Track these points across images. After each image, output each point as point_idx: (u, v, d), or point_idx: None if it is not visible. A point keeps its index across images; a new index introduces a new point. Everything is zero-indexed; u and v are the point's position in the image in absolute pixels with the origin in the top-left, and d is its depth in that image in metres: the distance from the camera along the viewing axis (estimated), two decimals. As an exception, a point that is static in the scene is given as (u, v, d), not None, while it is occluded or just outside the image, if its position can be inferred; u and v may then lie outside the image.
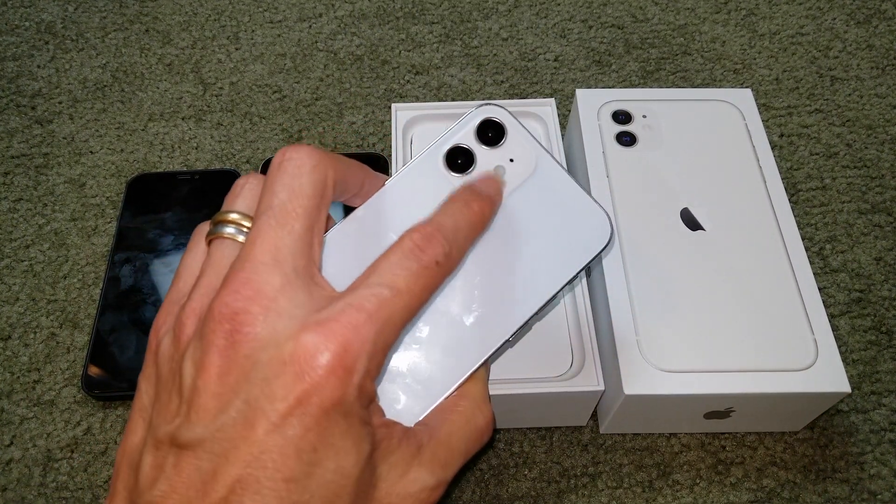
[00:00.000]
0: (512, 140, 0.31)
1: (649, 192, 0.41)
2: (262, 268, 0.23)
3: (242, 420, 0.21)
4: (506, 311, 0.29)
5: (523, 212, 0.30)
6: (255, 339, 0.22)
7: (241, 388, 0.22)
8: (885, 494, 0.38)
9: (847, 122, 0.54)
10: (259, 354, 0.22)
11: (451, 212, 0.27)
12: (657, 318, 0.37)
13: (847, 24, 0.60)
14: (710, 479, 0.39)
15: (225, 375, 0.22)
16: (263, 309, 0.22)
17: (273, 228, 0.24)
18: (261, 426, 0.21)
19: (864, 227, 0.48)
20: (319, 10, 0.62)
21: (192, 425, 0.22)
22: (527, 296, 0.29)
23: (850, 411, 0.41)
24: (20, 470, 0.39)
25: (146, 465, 0.22)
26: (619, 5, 0.62)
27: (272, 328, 0.22)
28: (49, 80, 0.57)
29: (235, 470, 0.21)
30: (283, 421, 0.21)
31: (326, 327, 0.22)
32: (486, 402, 0.28)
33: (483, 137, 0.31)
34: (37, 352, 0.43)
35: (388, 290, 0.23)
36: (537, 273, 0.29)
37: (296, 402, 0.21)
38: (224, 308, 0.22)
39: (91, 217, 0.49)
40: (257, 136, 0.54)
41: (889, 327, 0.44)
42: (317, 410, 0.21)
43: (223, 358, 0.22)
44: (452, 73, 0.57)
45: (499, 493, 0.38)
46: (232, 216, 0.26)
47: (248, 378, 0.22)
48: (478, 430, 0.27)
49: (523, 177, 0.31)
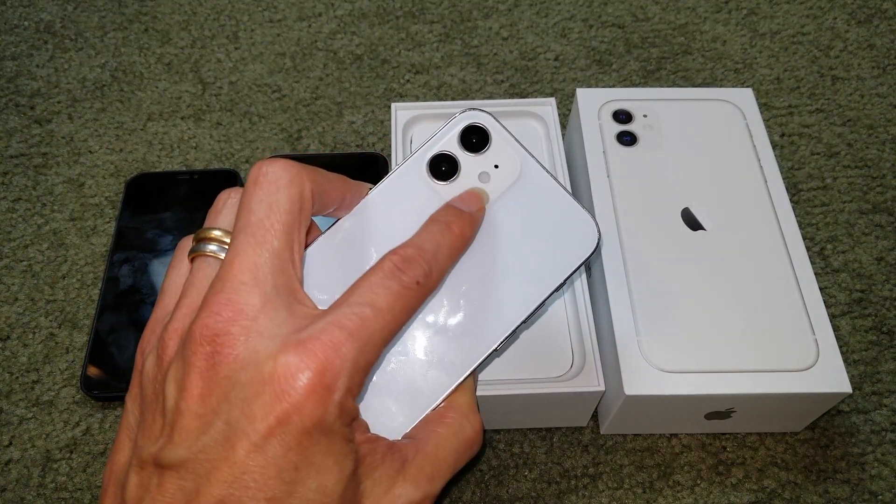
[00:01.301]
0: (496, 146, 0.30)
1: (650, 191, 0.41)
2: (242, 288, 0.23)
3: (223, 440, 0.21)
4: (492, 321, 0.29)
5: (509, 219, 0.30)
6: (236, 360, 0.22)
7: (221, 408, 0.22)
8: (886, 495, 0.38)
9: (848, 122, 0.54)
10: (239, 375, 0.22)
11: (431, 233, 0.27)
12: (658, 319, 0.36)
13: (848, 24, 0.60)
14: (711, 480, 0.39)
15: (206, 397, 0.22)
16: (244, 330, 0.22)
17: (251, 247, 0.24)
18: (241, 447, 0.21)
19: (866, 226, 0.48)
20: (319, 9, 0.62)
21: (174, 446, 0.22)
22: (514, 304, 0.29)
23: (851, 412, 0.41)
24: (19, 470, 0.39)
25: (131, 484, 0.23)
26: (620, 4, 0.62)
27: (253, 349, 0.22)
28: (48, 79, 0.57)
29: (218, 490, 0.21)
30: (264, 441, 0.21)
31: (306, 347, 0.22)
32: (475, 413, 0.28)
33: (467, 144, 0.30)
34: (36, 352, 0.43)
35: (370, 309, 0.23)
36: (524, 281, 0.29)
37: (276, 423, 0.21)
38: (205, 330, 0.22)
39: (90, 217, 0.49)
40: (257, 136, 0.53)
41: (890, 327, 0.44)
42: (297, 430, 0.21)
43: (204, 379, 0.22)
44: (452, 73, 0.57)
45: (499, 494, 0.38)
46: (214, 233, 0.26)
47: (229, 399, 0.22)
48: (466, 442, 0.27)
49: (508, 183, 0.30)
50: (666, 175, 0.42)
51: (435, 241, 0.27)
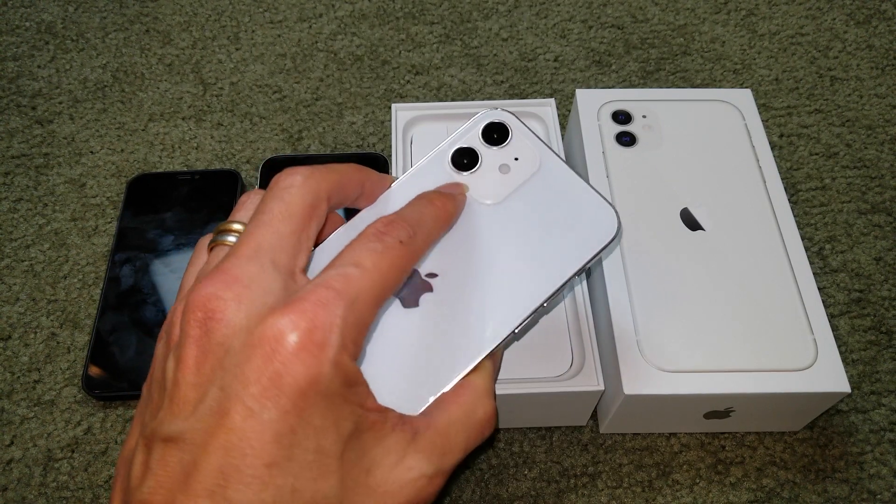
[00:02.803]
0: (516, 140, 0.32)
1: (649, 192, 0.41)
2: (240, 260, 0.24)
3: (218, 408, 0.21)
4: (512, 303, 0.29)
5: (529, 207, 0.30)
6: (228, 325, 0.22)
7: (216, 376, 0.22)
8: (885, 494, 0.38)
9: (847, 123, 0.54)
10: (232, 341, 0.22)
11: (413, 205, 0.28)
12: (657, 318, 0.37)
13: (847, 25, 0.60)
14: (710, 479, 0.39)
15: (201, 365, 0.22)
16: (236, 296, 0.23)
17: (258, 228, 0.25)
18: (236, 412, 0.21)
19: (864, 227, 0.49)
20: (320, 10, 0.62)
21: (173, 418, 0.22)
22: (533, 288, 0.29)
23: (850, 411, 0.41)
24: (21, 470, 0.39)
25: (136, 463, 0.23)
26: (619, 5, 0.62)
27: (245, 314, 0.22)
28: (49, 80, 0.57)
29: (215, 459, 0.21)
30: (259, 405, 0.21)
31: (294, 307, 0.22)
32: (489, 396, 0.28)
33: (488, 139, 0.32)
34: (37, 352, 0.44)
35: (355, 269, 0.24)
36: (543, 265, 0.29)
37: (269, 384, 0.21)
38: (198, 297, 0.23)
39: (91, 217, 0.49)
40: (257, 137, 0.54)
41: (889, 327, 0.44)
42: (292, 391, 0.21)
43: (198, 347, 0.22)
44: (452, 74, 0.57)
45: (499, 493, 0.38)
46: (233, 226, 0.27)
47: (223, 365, 0.22)
48: (478, 423, 0.27)
49: (528, 174, 0.31)
50: (665, 175, 0.42)
51: (417, 211, 0.28)
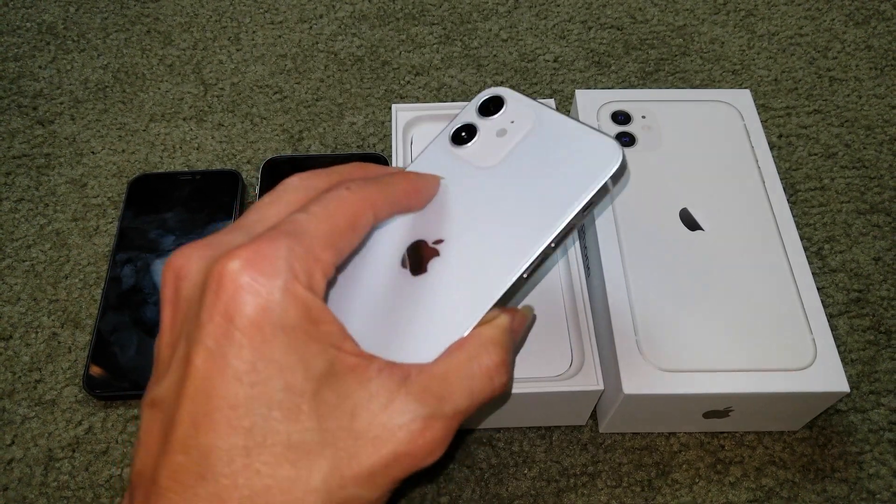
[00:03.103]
0: (511, 106, 0.32)
1: (648, 192, 0.41)
2: (230, 229, 0.24)
3: (184, 357, 0.21)
4: (518, 248, 0.27)
5: (529, 159, 0.30)
6: (189, 278, 0.22)
7: (183, 329, 0.22)
8: (884, 494, 0.38)
9: (846, 123, 0.54)
10: (193, 292, 0.22)
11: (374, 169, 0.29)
12: (656, 318, 0.37)
13: (846, 25, 0.60)
14: (709, 479, 0.39)
15: (174, 324, 0.23)
16: (201, 247, 0.23)
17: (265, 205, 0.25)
18: (198, 356, 0.21)
19: (863, 227, 0.49)
20: (320, 11, 0.62)
21: (156, 382, 0.22)
22: (539, 230, 0.28)
23: (849, 411, 0.41)
24: (21, 469, 0.39)
25: (136, 442, 0.23)
26: (619, 6, 0.62)
27: (206, 266, 0.22)
28: (50, 80, 0.57)
29: (186, 410, 0.21)
30: (216, 344, 0.21)
31: (242, 248, 0.22)
32: (500, 347, 0.26)
33: (485, 112, 0.32)
34: (38, 351, 0.44)
35: (301, 213, 0.24)
36: (548, 207, 0.28)
37: (221, 320, 0.21)
38: (171, 259, 0.23)
39: (92, 217, 0.50)
40: (258, 137, 0.54)
41: (888, 327, 0.44)
42: (245, 324, 0.21)
43: (171, 305, 0.23)
44: (452, 74, 0.57)
45: (498, 492, 0.39)
46: None
47: (188, 317, 0.22)
48: (484, 371, 0.25)
49: (525, 131, 0.31)
50: (664, 176, 0.42)
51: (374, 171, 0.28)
